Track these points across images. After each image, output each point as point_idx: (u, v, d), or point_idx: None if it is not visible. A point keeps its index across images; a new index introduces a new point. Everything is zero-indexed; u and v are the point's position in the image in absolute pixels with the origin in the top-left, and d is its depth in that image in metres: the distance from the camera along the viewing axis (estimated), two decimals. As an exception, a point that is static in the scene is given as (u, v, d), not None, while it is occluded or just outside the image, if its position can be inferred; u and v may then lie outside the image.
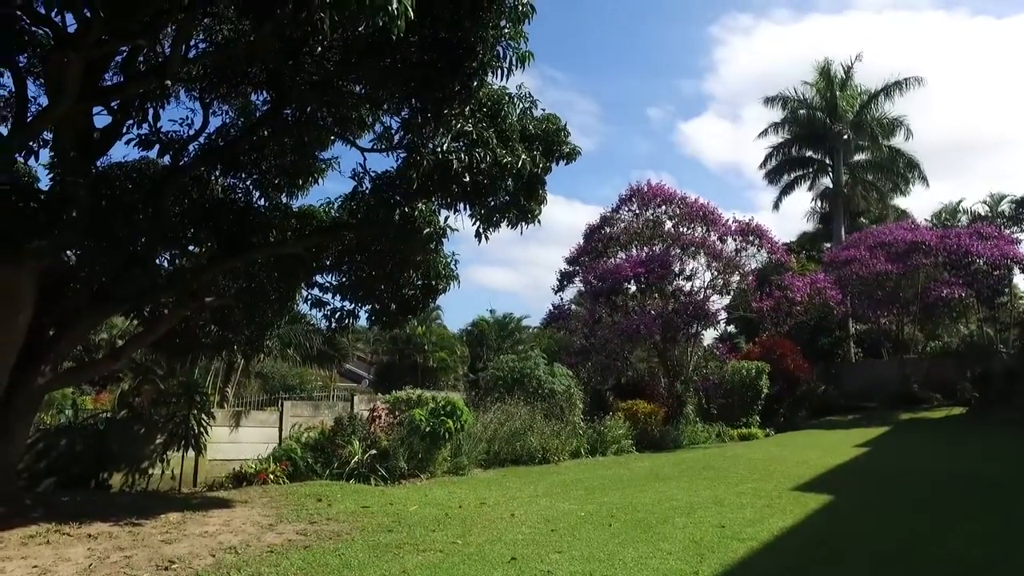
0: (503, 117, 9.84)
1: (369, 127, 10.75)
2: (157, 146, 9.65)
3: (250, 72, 10.31)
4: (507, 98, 9.97)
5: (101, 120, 9.78)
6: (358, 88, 10.03)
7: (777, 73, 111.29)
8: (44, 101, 9.25)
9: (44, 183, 10.33)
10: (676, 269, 23.34)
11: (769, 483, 11.69)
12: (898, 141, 38.19)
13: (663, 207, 24.45)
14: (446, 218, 9.87)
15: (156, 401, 14.12)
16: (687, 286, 23.69)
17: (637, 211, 24.92)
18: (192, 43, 9.52)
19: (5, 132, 9.06)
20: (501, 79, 8.90)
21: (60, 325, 9.34)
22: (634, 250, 24.45)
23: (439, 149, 8.73)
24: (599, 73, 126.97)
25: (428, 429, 13.04)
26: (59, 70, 7.33)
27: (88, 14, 6.61)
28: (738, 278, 24.21)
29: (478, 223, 10.02)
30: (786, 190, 40.95)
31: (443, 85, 8.25)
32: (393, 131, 10.19)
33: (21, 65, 8.60)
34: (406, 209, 9.10)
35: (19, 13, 7.69)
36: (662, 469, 14.16)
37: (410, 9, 5.33)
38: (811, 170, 40.83)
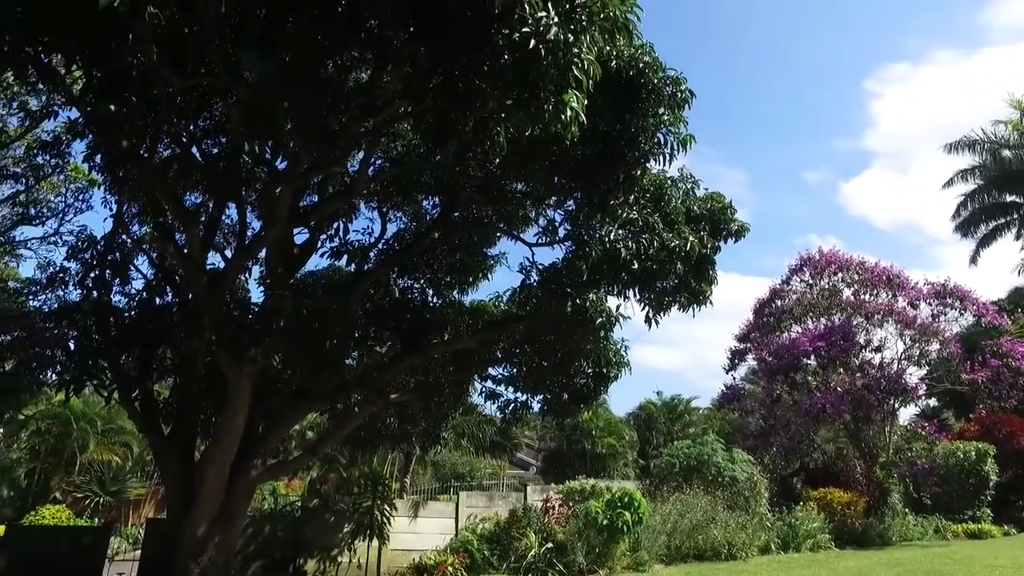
0: (666, 201, 9.78)
1: (533, 221, 11.15)
2: (345, 256, 10.66)
3: (421, 180, 11.23)
4: (669, 182, 9.93)
5: (298, 236, 11.09)
6: (520, 186, 10.52)
7: (949, 118, 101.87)
8: (255, 225, 10.73)
9: (254, 295, 11.82)
10: (861, 340, 21.25)
11: (1022, 598, 9.72)
12: None
13: (839, 274, 22.64)
14: (618, 307, 9.80)
15: (340, 489, 15.01)
16: (876, 358, 21.41)
17: (810, 280, 23.26)
18: (372, 160, 10.60)
19: (230, 255, 10.53)
20: (663, 164, 8.95)
21: (268, 422, 10.32)
22: (810, 322, 22.69)
23: (607, 238, 8.78)
24: (746, 142, 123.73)
25: (605, 522, 12.53)
26: (271, 200, 8.46)
27: (296, 151, 7.63)
28: (937, 346, 21.43)
29: (647, 308, 9.87)
30: (985, 241, 36.21)
31: (607, 176, 8.39)
32: (557, 223, 10.46)
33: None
34: (577, 300, 9.17)
35: (245, 157, 9.08)
36: (873, 572, 12.36)
37: (582, 114, 5.53)
38: (1017, 216, 35.95)
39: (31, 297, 13.15)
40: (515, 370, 11.76)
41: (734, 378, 25.17)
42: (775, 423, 21.61)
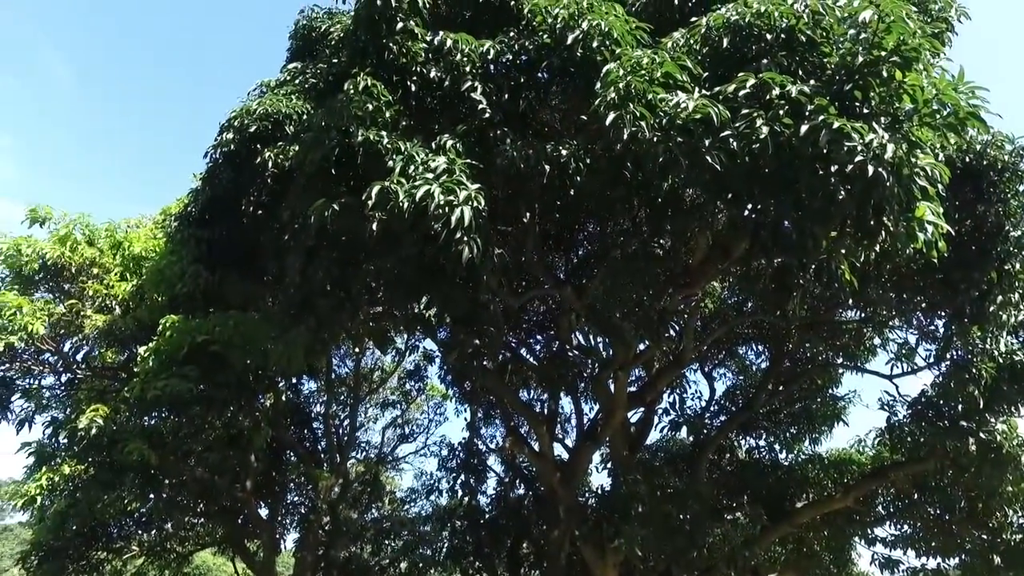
0: (1060, 287, 7.87)
1: (880, 348, 9.84)
2: (684, 427, 10.38)
3: (739, 331, 10.77)
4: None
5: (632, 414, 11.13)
6: (854, 313, 9.47)
7: None
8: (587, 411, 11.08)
9: (594, 477, 11.95)
10: None
11: None
12: None
13: None
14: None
15: None
16: None
17: None
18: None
19: (570, 443, 11.00)
20: (1043, 247, 7.33)
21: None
22: None
23: (995, 351, 7.24)
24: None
25: None
26: (606, 387, 8.76)
27: (624, 336, 7.91)
28: None
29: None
30: None
31: (973, 281, 7.09)
32: (913, 345, 9.02)
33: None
34: (981, 434, 7.48)
35: (572, 353, 9.75)
36: None
37: (943, 223, 4.77)
38: None
39: (412, 504, 15.24)
40: (908, 527, 9.75)
41: None
42: None
